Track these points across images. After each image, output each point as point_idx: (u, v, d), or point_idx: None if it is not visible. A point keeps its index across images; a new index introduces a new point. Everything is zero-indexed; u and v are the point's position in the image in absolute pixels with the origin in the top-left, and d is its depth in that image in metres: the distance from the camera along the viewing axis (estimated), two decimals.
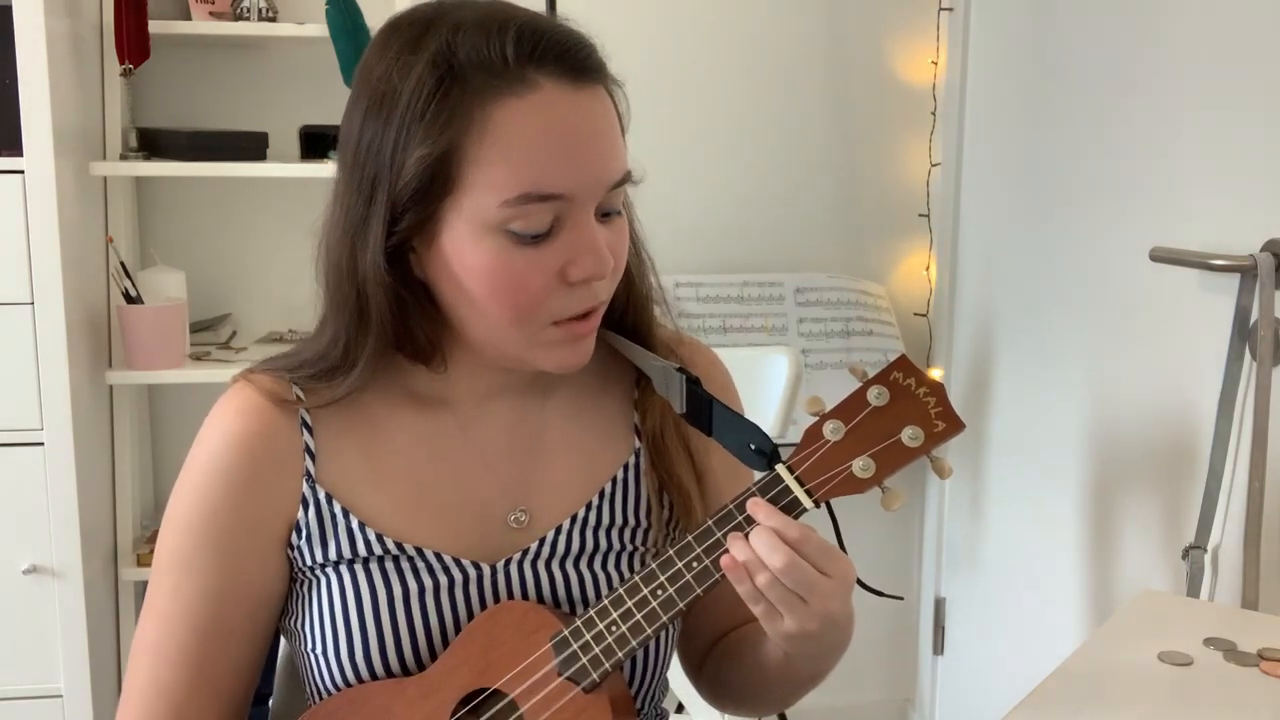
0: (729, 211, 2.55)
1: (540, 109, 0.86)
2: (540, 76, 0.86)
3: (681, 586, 0.88)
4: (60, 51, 1.95)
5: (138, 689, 0.97)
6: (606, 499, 1.02)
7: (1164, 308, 1.86)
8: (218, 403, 0.99)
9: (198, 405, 2.58)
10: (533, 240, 0.87)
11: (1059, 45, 2.18)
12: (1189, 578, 1.71)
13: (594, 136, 0.88)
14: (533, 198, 0.86)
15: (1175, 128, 1.84)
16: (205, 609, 0.95)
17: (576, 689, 0.89)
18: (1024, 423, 2.32)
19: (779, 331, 2.47)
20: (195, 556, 0.95)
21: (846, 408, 0.89)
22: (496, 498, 1.00)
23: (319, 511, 0.96)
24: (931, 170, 2.58)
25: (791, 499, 0.88)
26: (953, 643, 2.63)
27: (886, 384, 0.88)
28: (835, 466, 0.88)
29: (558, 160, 0.86)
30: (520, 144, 0.86)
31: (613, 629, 0.89)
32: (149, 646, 0.97)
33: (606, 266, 0.89)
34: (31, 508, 1.99)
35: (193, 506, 0.96)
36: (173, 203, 2.37)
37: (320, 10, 2.11)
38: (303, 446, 0.96)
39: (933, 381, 0.89)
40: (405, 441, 0.99)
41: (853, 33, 2.57)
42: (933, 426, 0.87)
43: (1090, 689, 1.06)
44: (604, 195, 0.89)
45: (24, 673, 2.04)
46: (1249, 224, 1.65)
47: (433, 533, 0.97)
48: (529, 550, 0.98)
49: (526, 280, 0.88)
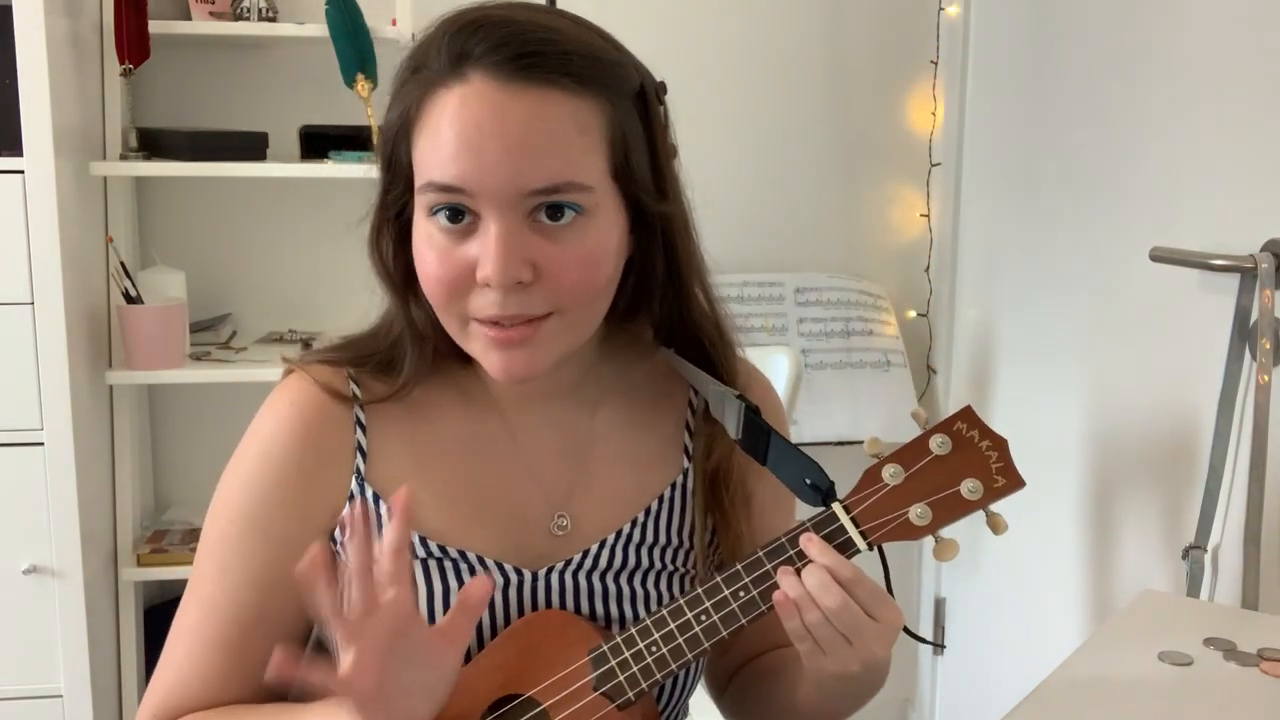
0: (729, 212, 2.55)
1: (458, 101, 0.86)
2: (473, 72, 0.86)
3: (726, 615, 0.88)
4: (60, 51, 1.95)
5: (173, 668, 0.96)
6: (652, 517, 1.01)
7: (1164, 308, 1.86)
8: (274, 391, 0.99)
9: (198, 405, 2.60)
10: (455, 229, 0.88)
11: (1059, 45, 2.18)
12: (1189, 578, 1.71)
13: (506, 135, 0.84)
14: (435, 187, 0.87)
15: (1175, 128, 1.84)
16: (249, 595, 0.95)
17: (610, 706, 0.89)
18: (1024, 423, 2.32)
19: (779, 331, 2.47)
20: (243, 542, 0.95)
21: (908, 453, 0.89)
22: (540, 503, 0.99)
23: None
24: (932, 170, 2.58)
25: (845, 539, 0.88)
26: (953, 642, 2.63)
27: (950, 433, 0.89)
28: (892, 511, 0.88)
29: (458, 154, 0.85)
30: (435, 133, 0.87)
31: (653, 649, 0.89)
32: (190, 628, 0.96)
33: (503, 275, 0.85)
34: (31, 508, 1.99)
35: (244, 493, 0.96)
36: (173, 203, 2.37)
37: (320, 10, 2.11)
38: (355, 444, 0.97)
39: (996, 436, 0.89)
40: (455, 443, 0.99)
41: (853, 33, 2.57)
42: (993, 481, 0.88)
43: (1090, 689, 1.06)
44: (523, 200, 0.86)
45: (24, 673, 2.03)
46: (1249, 224, 1.65)
47: (476, 536, 0.97)
48: (572, 560, 0.98)
49: (442, 270, 0.88)
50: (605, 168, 0.89)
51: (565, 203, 0.87)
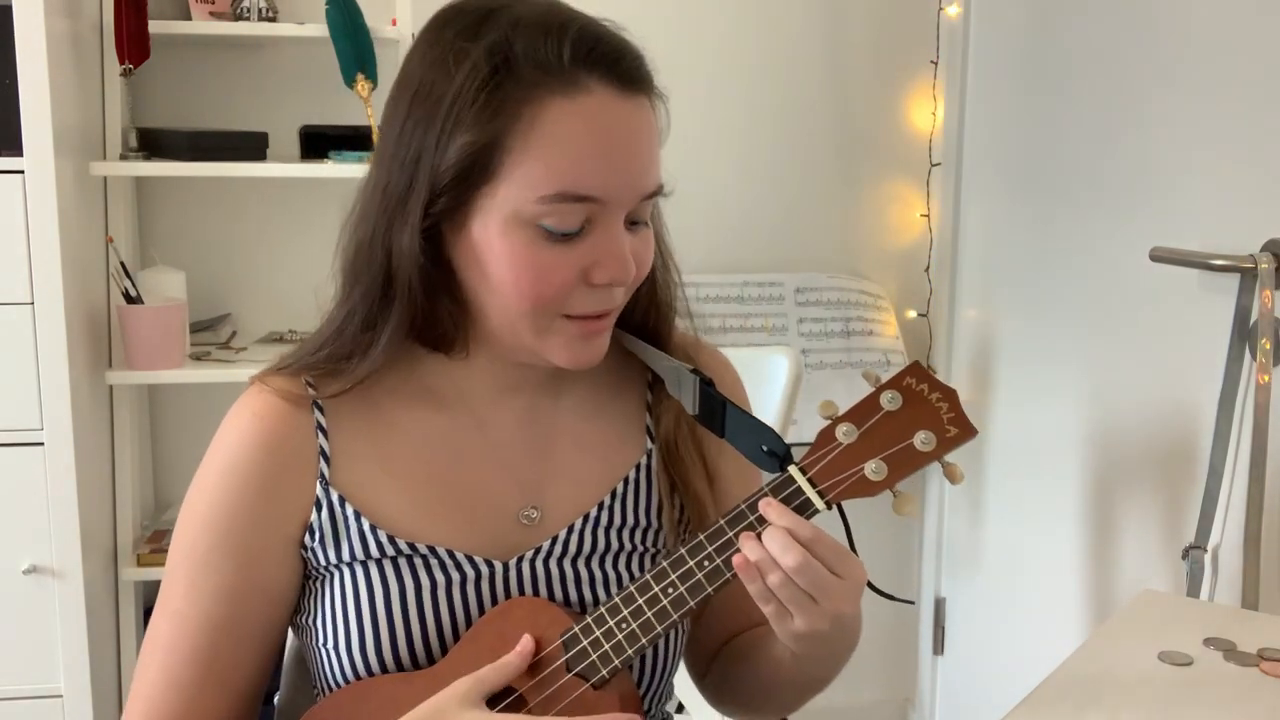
0: (729, 212, 2.55)
1: (587, 112, 0.88)
2: (591, 81, 0.88)
3: (692, 585, 0.89)
4: (60, 51, 1.95)
5: (149, 683, 0.97)
6: (619, 499, 1.02)
7: (1164, 308, 1.86)
8: (234, 405, 0.99)
9: (198, 405, 2.59)
10: (562, 238, 0.89)
11: (1059, 45, 2.18)
12: (1189, 578, 1.71)
13: (634, 145, 0.90)
14: (567, 197, 0.88)
15: (1175, 128, 1.84)
16: (220, 607, 0.96)
17: (585, 685, 0.90)
18: (1024, 423, 2.32)
19: (779, 331, 2.47)
20: (212, 555, 0.96)
21: (860, 411, 0.90)
22: (509, 495, 1.00)
23: (332, 514, 0.97)
24: (932, 170, 2.58)
25: (804, 500, 0.89)
26: (953, 643, 2.63)
27: (900, 389, 0.90)
28: (848, 469, 0.89)
29: (596, 164, 0.88)
30: (563, 143, 0.87)
31: (623, 626, 0.90)
32: (162, 642, 0.97)
33: (629, 273, 0.91)
34: (31, 508, 1.99)
35: (210, 506, 0.96)
36: (173, 203, 2.37)
37: (320, 10, 2.11)
38: (318, 449, 0.97)
39: (945, 387, 0.90)
40: (418, 438, 0.99)
41: (853, 33, 2.57)
42: (945, 431, 0.89)
43: (1090, 689, 1.06)
44: (636, 204, 0.91)
45: (24, 673, 2.03)
46: (1249, 224, 1.65)
47: (445, 530, 0.98)
48: (541, 548, 0.99)
49: (550, 275, 0.89)
50: None
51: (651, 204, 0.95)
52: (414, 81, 0.91)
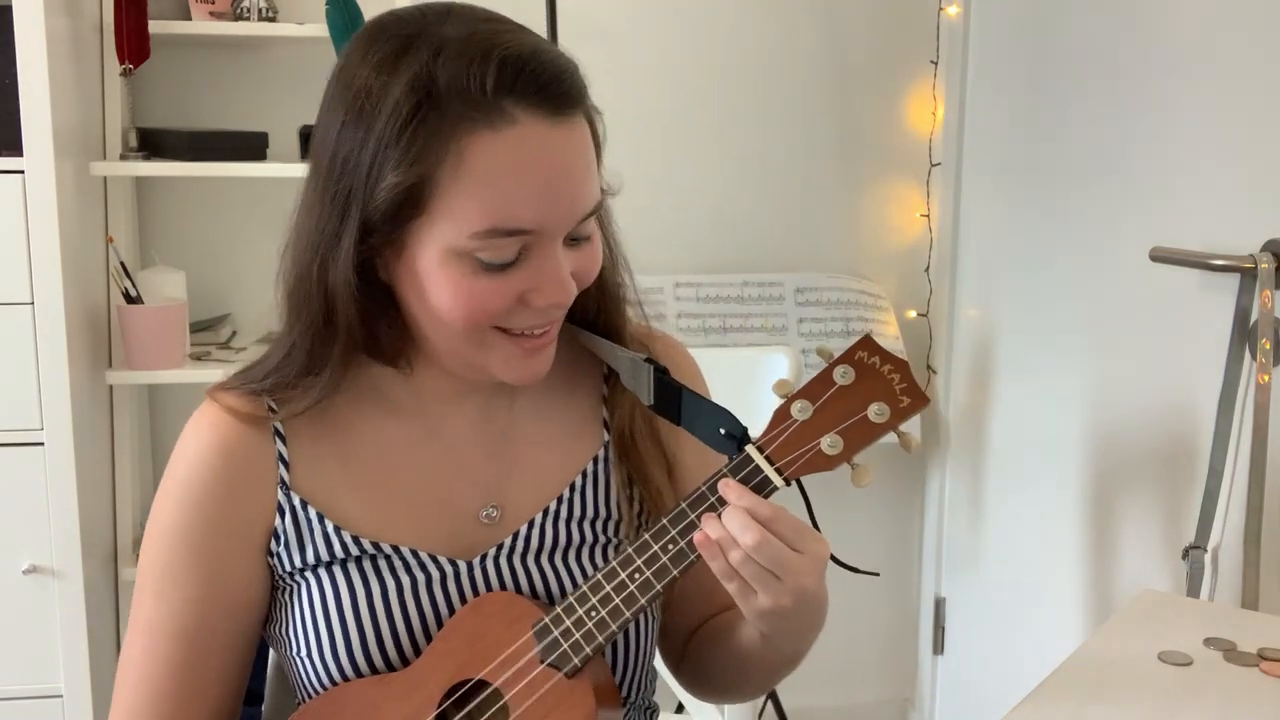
0: (729, 212, 2.55)
1: (514, 144, 0.85)
2: (518, 110, 0.85)
3: (658, 569, 0.90)
4: (60, 51, 1.95)
5: (126, 699, 0.98)
6: (577, 492, 1.03)
7: (1164, 308, 1.86)
8: (191, 419, 1.00)
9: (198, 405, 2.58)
10: (500, 267, 0.88)
11: (1059, 45, 2.18)
12: (1189, 578, 1.71)
13: (566, 172, 0.88)
14: (500, 232, 0.87)
15: (1175, 128, 1.84)
16: (189, 617, 0.96)
17: (559, 675, 0.91)
18: (1024, 422, 2.32)
19: (779, 331, 2.47)
20: (176, 566, 0.97)
21: (813, 387, 0.91)
22: (468, 495, 1.01)
23: (295, 518, 0.97)
24: (932, 170, 2.58)
25: (762, 478, 0.90)
26: (953, 643, 2.63)
27: (852, 363, 0.91)
28: (804, 444, 0.90)
29: (527, 197, 0.86)
30: (491, 179, 0.86)
31: (592, 614, 0.90)
32: (135, 657, 0.98)
33: (569, 295, 0.91)
34: (31, 508, 1.99)
35: (172, 517, 0.97)
36: (173, 203, 2.37)
37: (320, 10, 2.11)
38: (276, 455, 0.98)
39: (897, 359, 0.91)
40: (377, 444, 1.00)
41: (853, 33, 2.57)
42: (898, 402, 0.90)
43: (1090, 689, 1.06)
44: (572, 227, 0.90)
45: (24, 673, 2.03)
46: (1249, 224, 1.65)
47: (407, 531, 0.98)
48: (503, 545, 0.99)
49: (487, 303, 0.89)
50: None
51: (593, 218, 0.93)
52: (342, 107, 0.89)
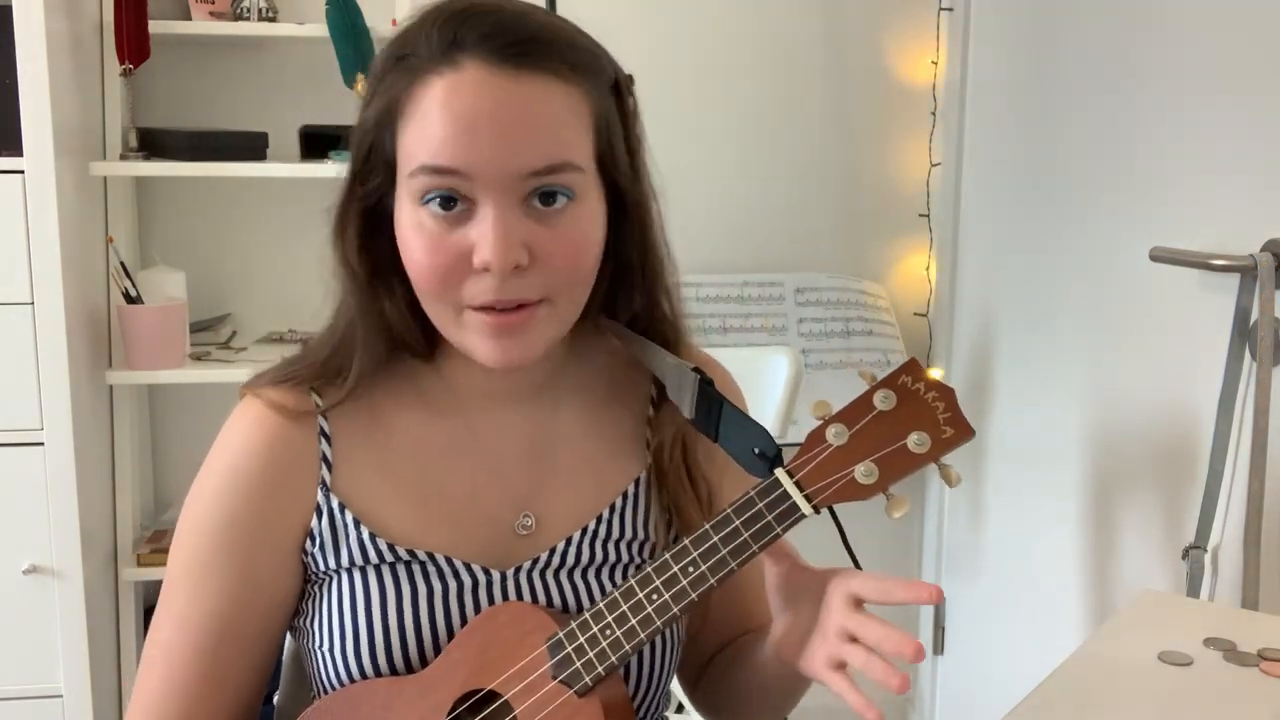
0: (729, 212, 2.55)
1: (452, 85, 0.86)
2: (465, 58, 0.86)
3: (677, 592, 0.87)
4: (60, 51, 1.95)
5: (151, 688, 0.97)
6: (617, 513, 1.02)
7: (1164, 308, 1.86)
8: (233, 416, 0.99)
9: (198, 405, 2.59)
10: (448, 215, 0.88)
11: (1059, 45, 2.18)
12: (1189, 578, 1.71)
13: (502, 118, 0.86)
14: (429, 169, 0.87)
15: (1175, 128, 1.84)
16: (222, 611, 0.96)
17: (569, 692, 0.88)
18: (1024, 423, 2.32)
19: (779, 331, 2.47)
20: (214, 560, 0.96)
21: (851, 411, 0.86)
22: (504, 502, 1.00)
23: (332, 520, 0.97)
24: (931, 170, 2.58)
25: (790, 504, 0.86)
26: (953, 643, 2.63)
27: (894, 388, 0.85)
28: (837, 472, 0.85)
29: (452, 134, 0.86)
30: (427, 115, 0.87)
31: (607, 633, 0.88)
32: (164, 646, 0.97)
33: (501, 258, 0.86)
34: (31, 508, 1.99)
35: (213, 510, 0.96)
36: (173, 203, 2.37)
37: (320, 10, 2.11)
38: (320, 455, 0.97)
39: (942, 386, 0.85)
40: (416, 443, 0.99)
41: (853, 33, 2.57)
42: (940, 432, 0.85)
43: (1090, 689, 1.06)
44: (519, 183, 0.87)
45: (24, 673, 2.04)
46: (1249, 224, 1.65)
47: (442, 538, 0.97)
48: (539, 560, 0.99)
49: (435, 257, 0.88)
50: (592, 152, 0.91)
51: (559, 187, 0.88)
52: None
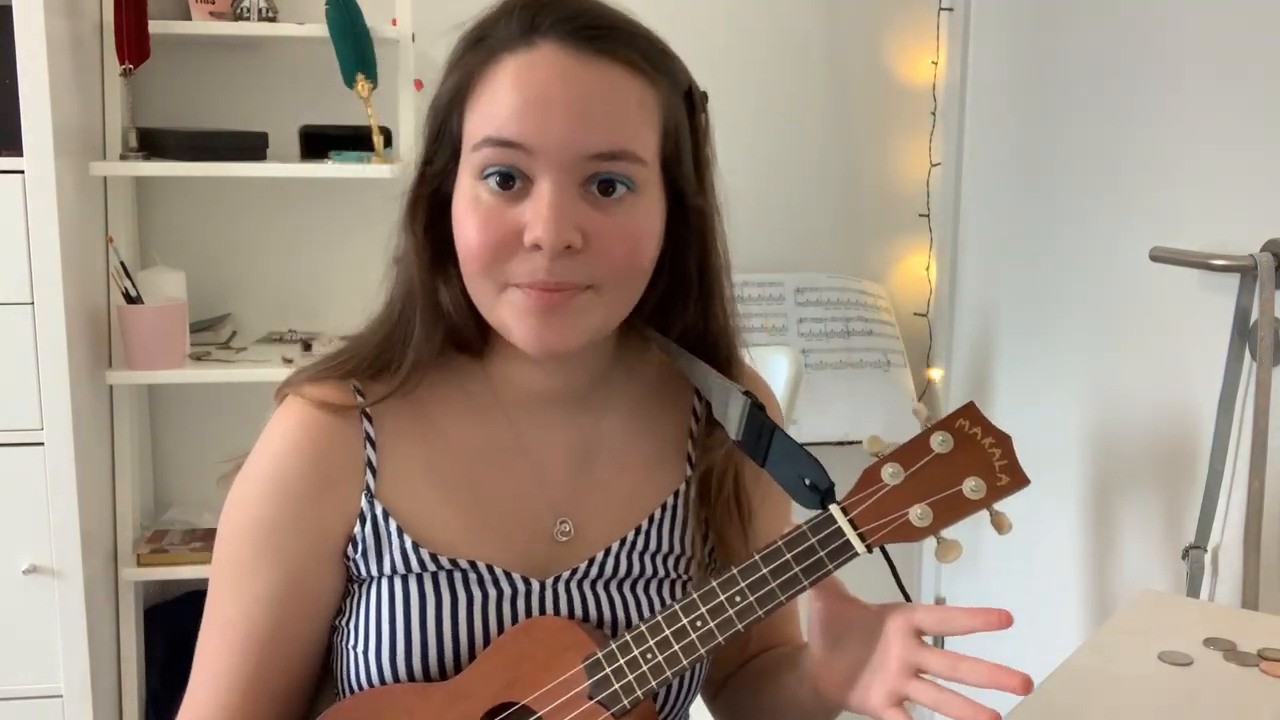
0: (729, 212, 2.55)
1: (525, 63, 0.87)
2: (542, 40, 0.88)
3: (722, 622, 0.86)
4: (60, 51, 1.95)
5: (198, 694, 0.97)
6: (655, 525, 1.01)
7: (1164, 308, 1.86)
8: (277, 414, 0.98)
9: (198, 405, 2.59)
10: (505, 194, 0.88)
11: (1059, 45, 2.18)
12: (1189, 578, 1.71)
13: (571, 98, 0.86)
14: (493, 141, 0.87)
15: (1175, 128, 1.84)
16: (265, 615, 0.95)
17: (606, 714, 0.88)
18: (1024, 423, 2.32)
19: (779, 331, 2.47)
20: (257, 563, 0.95)
21: (908, 452, 0.86)
22: (544, 509, 0.99)
23: (375, 527, 0.96)
24: (931, 170, 2.58)
25: (843, 542, 0.86)
26: (952, 643, 2.63)
27: (951, 430, 0.86)
28: (892, 512, 0.85)
29: (522, 110, 0.86)
30: (498, 91, 0.88)
31: (648, 656, 0.87)
32: (210, 651, 0.96)
33: (554, 237, 0.86)
34: (31, 508, 1.99)
35: (256, 512, 0.95)
36: (173, 203, 2.37)
37: (320, 10, 2.11)
38: (364, 460, 0.96)
39: (1000, 432, 0.86)
40: (460, 445, 0.98)
41: (853, 33, 2.57)
42: (996, 480, 0.85)
43: (1090, 688, 1.06)
44: (580, 164, 0.87)
45: (24, 673, 2.03)
46: (1249, 224, 1.65)
47: (484, 546, 0.96)
48: (578, 570, 0.98)
49: (487, 233, 0.88)
50: (657, 150, 0.91)
51: (619, 176, 0.88)
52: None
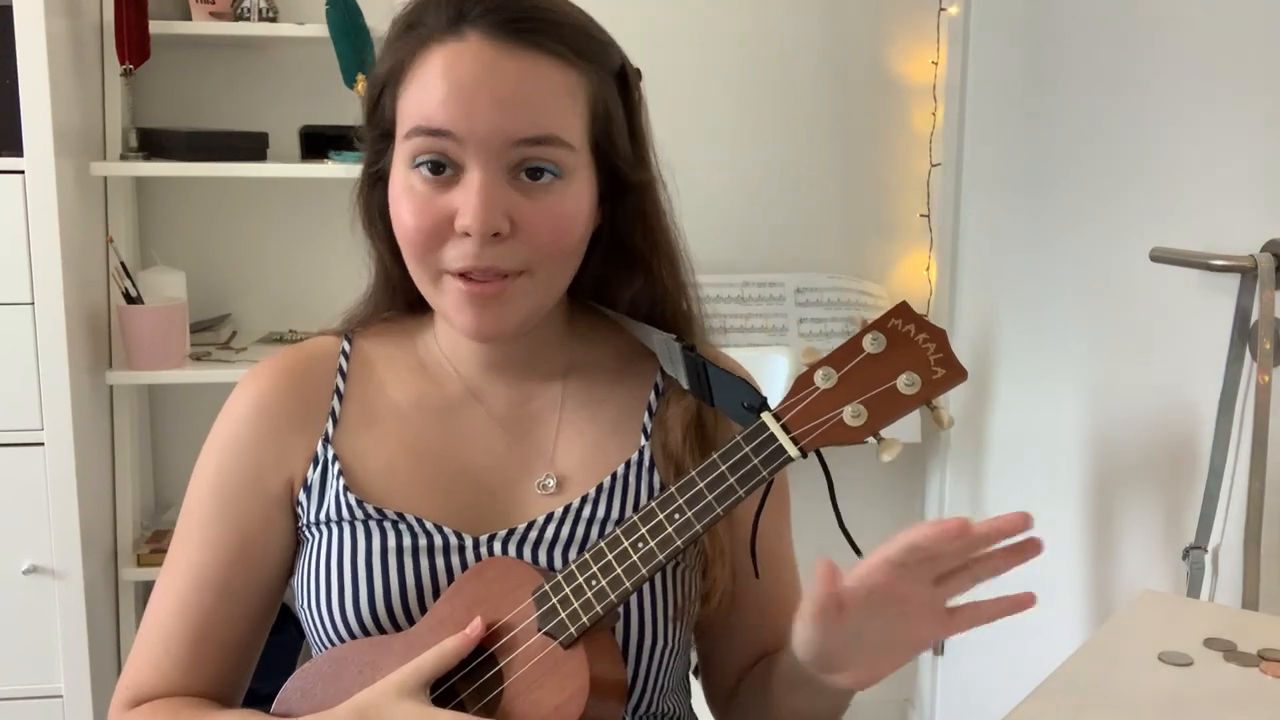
0: (729, 212, 2.55)
1: (453, 53, 0.90)
2: (470, 30, 0.90)
3: (662, 539, 0.86)
4: (60, 51, 1.96)
5: (144, 634, 1.02)
6: (605, 493, 1.01)
7: (1164, 308, 1.86)
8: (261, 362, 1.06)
9: (198, 405, 2.59)
10: (436, 180, 0.91)
11: (1059, 45, 2.18)
12: (1189, 578, 1.71)
13: (497, 86, 0.89)
14: (423, 130, 0.90)
15: (1175, 127, 1.84)
16: (206, 560, 1.00)
17: (554, 644, 0.88)
18: (1024, 423, 2.32)
19: (779, 332, 2.47)
20: (201, 508, 1.01)
21: (840, 354, 0.85)
22: (497, 472, 1.01)
23: (323, 472, 1.00)
24: (931, 170, 2.58)
25: (776, 447, 0.85)
26: (953, 643, 2.63)
27: (884, 330, 0.84)
28: (825, 414, 0.84)
29: (449, 99, 0.89)
30: (426, 80, 0.90)
31: (592, 583, 0.88)
32: (159, 591, 1.02)
33: (482, 224, 0.88)
34: (31, 508, 1.99)
35: (206, 459, 1.02)
36: (173, 203, 2.37)
37: (320, 10, 2.12)
38: (329, 410, 1.01)
39: (934, 328, 0.84)
40: (415, 403, 1.03)
41: (853, 33, 2.57)
42: (931, 373, 0.83)
43: (1090, 689, 1.06)
44: (507, 151, 0.89)
45: (24, 673, 2.04)
46: (1249, 224, 1.65)
47: (420, 499, 0.99)
48: (515, 530, 0.99)
49: (421, 217, 0.91)
50: (586, 135, 0.94)
51: (546, 163, 0.90)
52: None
